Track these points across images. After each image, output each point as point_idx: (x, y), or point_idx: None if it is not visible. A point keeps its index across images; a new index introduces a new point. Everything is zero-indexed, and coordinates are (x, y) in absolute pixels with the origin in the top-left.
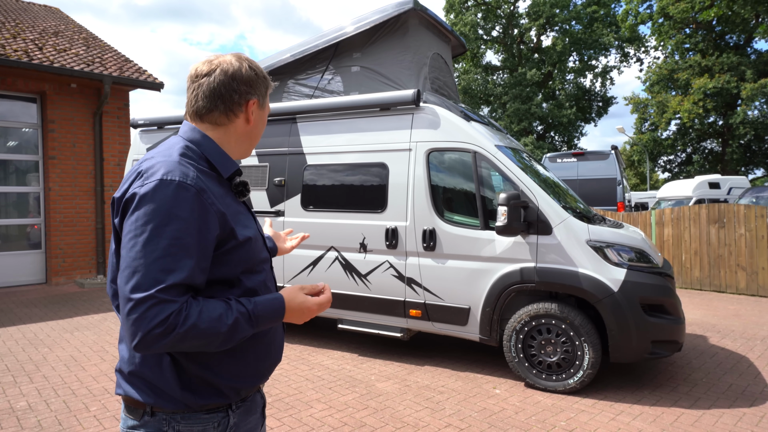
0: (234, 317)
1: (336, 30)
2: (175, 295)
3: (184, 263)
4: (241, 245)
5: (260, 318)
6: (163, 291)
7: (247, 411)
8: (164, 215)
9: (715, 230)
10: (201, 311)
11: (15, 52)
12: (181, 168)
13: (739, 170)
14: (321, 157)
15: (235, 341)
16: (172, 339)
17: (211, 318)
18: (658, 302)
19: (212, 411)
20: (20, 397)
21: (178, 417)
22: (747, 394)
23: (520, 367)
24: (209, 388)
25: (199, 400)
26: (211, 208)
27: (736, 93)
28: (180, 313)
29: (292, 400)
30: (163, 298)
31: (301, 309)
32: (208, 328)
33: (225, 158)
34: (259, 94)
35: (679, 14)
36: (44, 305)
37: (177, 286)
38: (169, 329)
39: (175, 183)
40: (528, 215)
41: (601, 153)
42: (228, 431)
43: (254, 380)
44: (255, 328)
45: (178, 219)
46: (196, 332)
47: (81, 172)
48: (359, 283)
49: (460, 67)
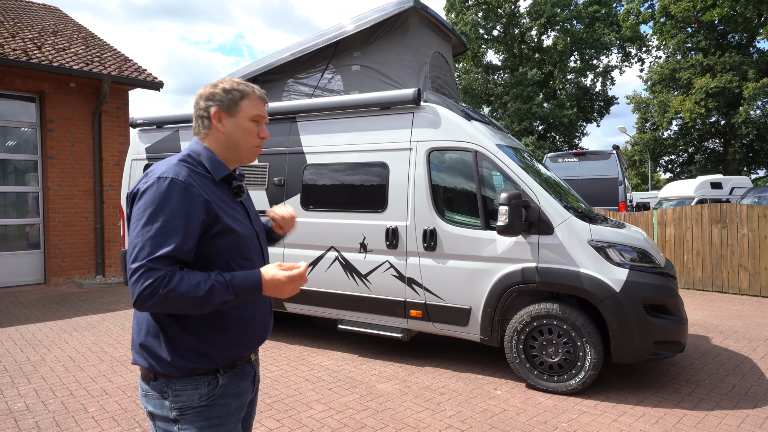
0: (211, 284)
1: (336, 29)
2: (163, 264)
3: (172, 239)
4: (228, 232)
5: (238, 287)
6: (152, 261)
7: (236, 377)
8: (158, 204)
9: (718, 230)
10: (182, 278)
11: (14, 51)
12: (175, 169)
13: (742, 170)
14: (321, 156)
15: (213, 305)
16: (157, 299)
17: (190, 284)
18: (661, 303)
19: (202, 374)
20: (18, 398)
21: (174, 380)
22: (750, 396)
23: (521, 368)
24: (197, 354)
25: (188, 364)
26: (198, 198)
27: (739, 92)
28: (164, 279)
29: (291, 401)
30: (151, 266)
31: (273, 280)
32: (186, 291)
33: (217, 164)
34: (220, 103)
35: (681, 13)
36: (43, 305)
37: (165, 258)
38: (154, 291)
39: (168, 179)
40: (529, 215)
41: (602, 153)
42: (217, 389)
43: (239, 350)
44: (235, 296)
45: (169, 206)
46: (176, 294)
47: (80, 172)
48: (359, 283)
49: (461, 66)
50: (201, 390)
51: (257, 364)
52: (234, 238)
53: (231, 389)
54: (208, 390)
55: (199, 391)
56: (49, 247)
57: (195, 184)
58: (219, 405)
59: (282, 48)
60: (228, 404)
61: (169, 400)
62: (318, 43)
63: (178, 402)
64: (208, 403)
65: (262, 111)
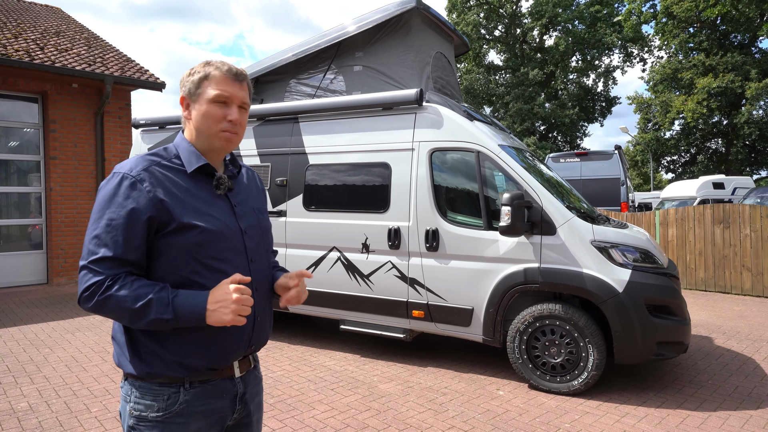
0: (148, 299)
1: (338, 29)
2: (104, 268)
3: (114, 241)
4: (186, 229)
5: (178, 306)
6: (93, 263)
7: (208, 393)
8: (104, 202)
9: (720, 231)
10: (123, 287)
11: (17, 52)
12: (132, 163)
13: (744, 170)
14: (323, 156)
15: (148, 322)
16: (94, 304)
17: (127, 295)
18: (664, 303)
19: (165, 384)
20: (21, 398)
21: (137, 384)
22: (753, 396)
23: (523, 369)
24: (156, 358)
25: (146, 368)
26: (148, 194)
27: (741, 92)
28: (102, 284)
29: (294, 402)
30: (92, 269)
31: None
32: (121, 301)
33: (191, 155)
34: (184, 89)
35: (683, 13)
36: (45, 306)
37: (107, 260)
38: (92, 295)
39: (119, 175)
40: (532, 215)
41: (604, 153)
42: (177, 406)
43: (205, 361)
44: (174, 316)
45: (114, 204)
46: (111, 302)
47: (82, 173)
48: (361, 283)
49: (463, 66)
50: (159, 403)
51: (249, 382)
52: (197, 234)
53: (196, 407)
54: (166, 404)
55: (157, 404)
56: (52, 247)
57: (150, 179)
58: (175, 424)
59: (284, 48)
60: (188, 424)
61: (129, 405)
62: (320, 43)
63: (135, 410)
64: (163, 420)
65: (226, 89)
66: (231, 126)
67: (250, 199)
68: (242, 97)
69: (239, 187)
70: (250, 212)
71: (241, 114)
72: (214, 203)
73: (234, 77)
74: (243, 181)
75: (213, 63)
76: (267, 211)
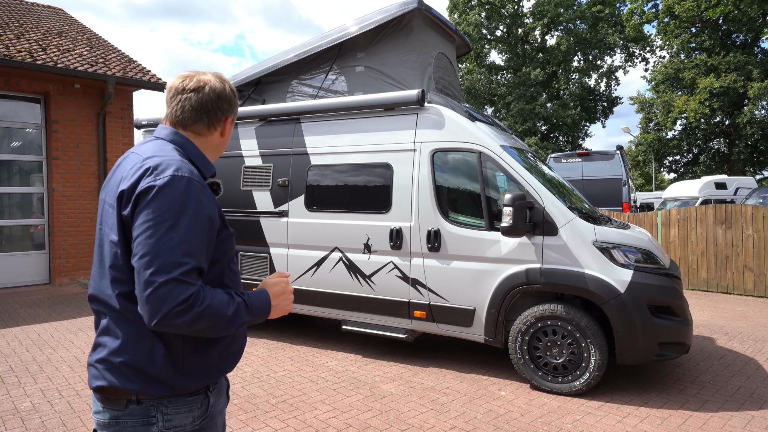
0: (237, 303)
1: (340, 30)
2: (194, 278)
3: (198, 249)
4: (230, 235)
5: (254, 307)
6: (185, 274)
7: (219, 392)
8: (179, 206)
9: (722, 231)
10: (213, 295)
11: (19, 52)
12: (186, 165)
13: (746, 170)
14: (325, 157)
15: (235, 326)
16: (193, 316)
17: (221, 302)
18: (665, 304)
19: (195, 393)
20: (24, 397)
21: (165, 402)
22: (756, 397)
23: (525, 369)
24: (200, 371)
25: (190, 383)
26: (214, 201)
27: (743, 92)
28: (199, 294)
29: (296, 402)
30: (184, 280)
31: (279, 291)
32: (218, 309)
33: (206, 161)
34: (235, 112)
35: (685, 13)
36: (48, 306)
37: (195, 270)
38: (190, 307)
39: (185, 178)
40: (533, 216)
41: (606, 153)
42: (209, 410)
43: (233, 362)
44: (251, 317)
45: (191, 210)
46: (210, 312)
47: (84, 173)
48: (363, 284)
49: (464, 66)
50: (194, 412)
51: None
52: (233, 239)
53: (217, 406)
54: (200, 411)
55: (193, 413)
56: (54, 247)
57: (204, 183)
58: (209, 427)
59: (286, 49)
60: (216, 425)
61: (158, 426)
62: (322, 44)
63: (169, 427)
64: (200, 426)
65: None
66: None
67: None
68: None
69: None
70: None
71: None
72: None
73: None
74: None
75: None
76: None
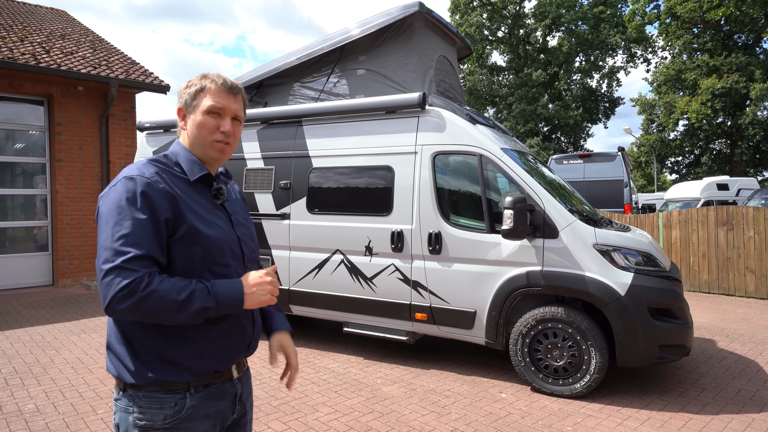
0: (191, 289)
1: (341, 33)
2: (140, 266)
3: (147, 239)
4: (195, 236)
5: (219, 294)
6: (127, 261)
7: (211, 397)
8: (125, 203)
9: (724, 232)
10: (162, 281)
11: (23, 55)
12: (140, 168)
13: (748, 171)
14: (327, 160)
15: (192, 312)
16: (134, 302)
17: (171, 288)
18: (666, 306)
19: (171, 391)
20: (28, 399)
21: (140, 394)
22: (756, 400)
23: (526, 371)
24: (164, 364)
25: (152, 375)
26: (165, 194)
27: (745, 93)
28: (142, 281)
29: (297, 404)
30: (126, 267)
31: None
32: (166, 295)
33: (193, 164)
34: (181, 100)
35: (687, 14)
36: (51, 307)
37: (141, 258)
38: (131, 293)
39: (132, 178)
40: (534, 218)
41: (607, 154)
42: (184, 411)
43: (212, 363)
44: (217, 303)
45: (135, 205)
46: (155, 297)
47: (87, 175)
48: (365, 286)
49: (466, 67)
50: (166, 410)
51: (244, 382)
52: (205, 242)
53: (201, 410)
54: (173, 411)
55: (164, 411)
56: (57, 249)
57: (162, 180)
58: (183, 429)
59: (288, 52)
60: (195, 428)
61: (133, 416)
62: (324, 47)
63: (141, 420)
64: (171, 426)
65: (219, 101)
66: (224, 137)
67: (240, 210)
68: (236, 110)
69: (230, 198)
70: (243, 222)
71: (234, 126)
72: (214, 212)
73: (228, 90)
74: (231, 193)
75: (209, 76)
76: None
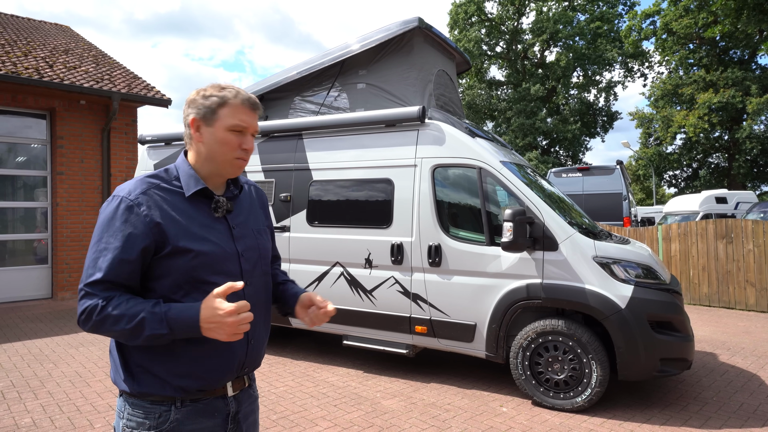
0: (141, 317)
1: (342, 48)
2: (98, 290)
3: (110, 264)
4: (182, 253)
5: (173, 320)
6: (89, 285)
7: (200, 413)
8: (102, 226)
9: (723, 246)
10: (117, 306)
11: (26, 69)
12: (130, 186)
13: (746, 185)
14: (327, 173)
15: (144, 338)
16: (92, 325)
17: (121, 314)
18: (667, 319)
19: (156, 402)
20: (25, 413)
21: (130, 401)
22: (759, 414)
23: (527, 385)
24: (149, 377)
25: (137, 386)
26: (145, 218)
27: (742, 107)
28: (97, 306)
29: (297, 418)
30: (88, 291)
31: (211, 313)
32: (116, 322)
33: (189, 178)
34: (197, 111)
35: (683, 30)
36: (50, 320)
37: (99, 283)
38: (88, 317)
39: (117, 199)
40: (534, 231)
41: (606, 168)
42: (168, 424)
43: (195, 382)
44: (170, 330)
45: (111, 228)
46: (107, 324)
47: (89, 188)
48: (364, 299)
49: (465, 82)
50: (150, 420)
51: (243, 401)
52: (191, 258)
53: (187, 425)
54: (157, 422)
55: (148, 421)
56: (57, 262)
57: (147, 202)
58: None
59: (289, 66)
60: None
61: (123, 422)
62: (324, 61)
63: (128, 426)
64: None
65: (244, 119)
66: (245, 154)
67: (251, 220)
68: (256, 127)
69: (239, 208)
70: (249, 234)
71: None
72: (211, 226)
73: (251, 107)
74: (245, 201)
75: (228, 88)
76: (269, 229)
